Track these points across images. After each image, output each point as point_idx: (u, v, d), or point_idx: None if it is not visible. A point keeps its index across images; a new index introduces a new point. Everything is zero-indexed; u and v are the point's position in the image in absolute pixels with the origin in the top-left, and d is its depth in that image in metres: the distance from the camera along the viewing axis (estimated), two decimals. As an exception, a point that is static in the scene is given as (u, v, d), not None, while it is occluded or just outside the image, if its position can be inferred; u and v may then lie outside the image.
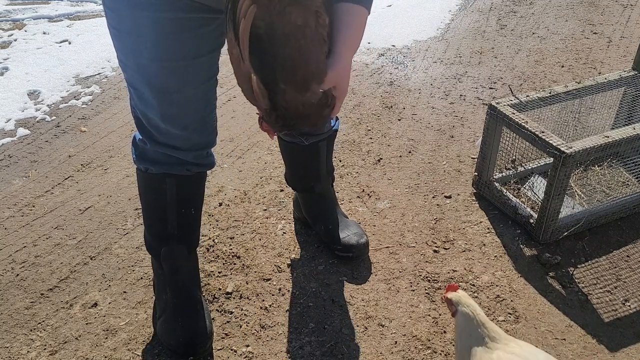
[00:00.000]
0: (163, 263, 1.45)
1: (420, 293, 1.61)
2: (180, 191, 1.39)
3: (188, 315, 1.43)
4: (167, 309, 1.45)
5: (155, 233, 1.45)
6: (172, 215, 1.42)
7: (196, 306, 1.45)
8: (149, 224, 1.46)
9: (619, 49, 2.97)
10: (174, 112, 1.25)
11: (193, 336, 1.41)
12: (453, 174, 2.08)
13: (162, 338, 1.45)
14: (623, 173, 2.00)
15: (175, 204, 1.41)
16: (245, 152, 2.19)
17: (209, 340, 1.44)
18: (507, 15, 3.40)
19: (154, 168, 1.36)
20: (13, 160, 2.15)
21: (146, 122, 1.30)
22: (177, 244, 1.44)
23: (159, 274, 1.48)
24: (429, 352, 1.45)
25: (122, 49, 1.20)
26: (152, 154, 1.35)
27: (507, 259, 1.72)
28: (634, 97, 1.98)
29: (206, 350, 1.43)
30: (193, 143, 1.34)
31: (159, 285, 1.49)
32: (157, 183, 1.38)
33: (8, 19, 3.25)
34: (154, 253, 1.47)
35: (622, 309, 1.58)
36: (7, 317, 1.54)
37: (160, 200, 1.40)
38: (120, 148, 2.21)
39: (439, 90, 2.62)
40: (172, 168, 1.36)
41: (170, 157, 1.34)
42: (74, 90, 2.61)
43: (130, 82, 1.25)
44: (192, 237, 1.49)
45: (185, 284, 1.46)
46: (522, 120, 1.73)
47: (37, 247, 1.76)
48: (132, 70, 1.22)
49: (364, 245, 1.68)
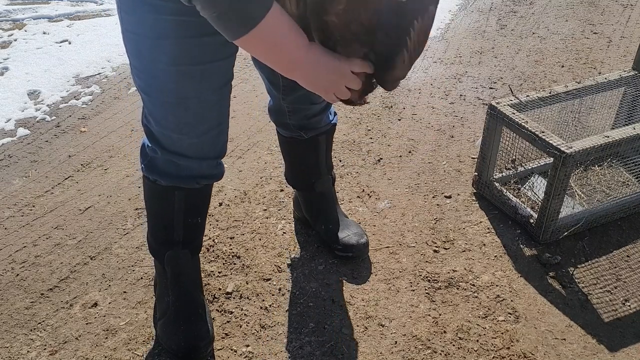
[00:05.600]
0: (167, 267, 1.44)
1: (420, 293, 1.61)
2: (188, 203, 1.38)
3: (190, 318, 1.42)
4: (168, 311, 1.44)
5: (160, 239, 1.44)
6: (179, 225, 1.40)
7: (198, 310, 1.44)
8: (154, 229, 1.45)
9: (619, 49, 2.97)
10: (189, 119, 1.22)
11: (195, 340, 1.40)
12: (453, 174, 2.08)
13: (162, 340, 1.44)
14: (623, 173, 2.00)
15: (182, 215, 1.39)
16: (245, 152, 2.19)
17: (210, 345, 1.43)
18: (507, 15, 3.40)
19: (163, 180, 1.33)
20: (13, 160, 2.15)
21: (158, 130, 1.26)
22: (182, 248, 1.44)
23: (161, 276, 1.48)
24: (429, 352, 1.45)
25: (138, 54, 1.16)
26: (162, 164, 1.31)
27: (507, 259, 1.72)
28: (634, 97, 1.98)
29: (207, 353, 1.43)
30: (205, 152, 1.31)
31: (162, 287, 1.48)
32: (165, 195, 1.36)
33: (8, 19, 3.25)
34: (158, 256, 1.46)
35: (622, 309, 1.58)
36: (7, 317, 1.54)
37: (167, 211, 1.38)
38: (120, 148, 2.22)
39: (439, 90, 2.62)
40: (182, 181, 1.33)
41: (180, 168, 1.31)
42: (74, 90, 2.61)
43: (143, 89, 1.21)
44: (196, 242, 1.48)
45: (188, 288, 1.46)
46: (522, 120, 1.73)
47: (37, 247, 1.76)
48: (148, 75, 1.18)
49: (363, 245, 1.68)
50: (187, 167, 1.31)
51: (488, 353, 1.45)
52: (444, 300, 1.59)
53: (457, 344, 1.47)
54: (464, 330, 1.50)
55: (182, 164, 1.30)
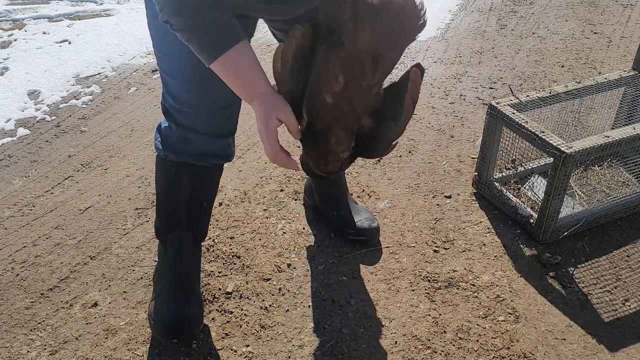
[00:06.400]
0: (169, 247, 1.50)
1: (420, 293, 1.61)
2: (194, 182, 1.45)
3: (181, 300, 1.47)
4: (162, 292, 1.49)
5: (165, 219, 1.51)
6: (184, 204, 1.47)
7: (191, 295, 1.49)
8: (161, 209, 1.52)
9: (619, 49, 2.97)
10: (203, 98, 1.31)
11: (181, 321, 1.44)
12: (453, 174, 2.08)
13: (150, 317, 1.49)
14: (623, 173, 2.00)
15: (187, 193, 1.46)
16: (245, 152, 2.19)
17: (195, 328, 1.46)
18: (507, 15, 3.40)
19: (174, 156, 1.41)
20: (13, 160, 2.15)
21: (175, 106, 1.35)
22: (185, 231, 1.49)
23: (162, 258, 1.53)
24: (429, 352, 1.45)
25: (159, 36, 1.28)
26: (175, 140, 1.39)
27: (507, 259, 1.72)
28: (634, 97, 1.98)
29: (191, 335, 1.46)
30: (215, 129, 1.38)
31: (161, 269, 1.53)
32: (174, 171, 1.44)
33: (8, 19, 3.25)
34: (161, 238, 1.52)
35: (622, 309, 1.58)
36: (7, 317, 1.54)
37: (174, 188, 1.46)
38: (120, 148, 2.22)
39: (439, 90, 2.62)
40: (191, 157, 1.41)
41: (191, 144, 1.38)
42: (74, 90, 2.61)
43: (163, 69, 1.32)
44: (200, 227, 1.54)
45: (186, 273, 1.51)
46: (522, 120, 1.73)
47: (37, 247, 1.76)
48: (167, 56, 1.29)
49: (375, 229, 1.75)
50: (198, 144, 1.38)
51: (488, 353, 1.45)
52: (444, 300, 1.59)
53: (457, 344, 1.47)
54: (464, 330, 1.50)
55: (193, 140, 1.37)
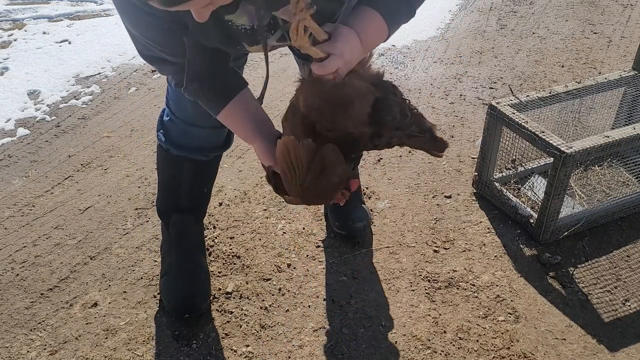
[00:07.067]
0: (171, 229, 1.55)
1: (420, 293, 1.61)
2: (195, 174, 1.51)
3: (190, 276, 1.52)
4: (170, 270, 1.54)
5: (167, 203, 1.56)
6: (185, 193, 1.53)
7: (197, 270, 1.54)
8: (162, 194, 1.56)
9: (619, 49, 2.97)
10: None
11: (192, 297, 1.50)
12: (453, 174, 2.08)
13: (162, 296, 1.55)
14: (623, 173, 2.00)
15: (189, 185, 1.52)
16: (245, 152, 2.19)
17: (205, 301, 1.53)
18: (507, 15, 3.40)
19: (175, 150, 1.45)
20: (13, 160, 2.15)
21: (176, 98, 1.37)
22: (187, 214, 1.55)
23: (166, 238, 1.58)
24: (429, 352, 1.45)
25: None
26: (176, 134, 1.43)
27: (507, 259, 1.72)
28: (634, 97, 1.98)
29: (202, 311, 1.52)
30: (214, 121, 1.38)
31: (165, 248, 1.59)
32: (175, 164, 1.49)
33: (8, 19, 3.25)
34: (164, 218, 1.58)
35: (622, 309, 1.58)
36: (7, 317, 1.54)
37: (176, 179, 1.51)
38: (120, 148, 2.22)
39: (439, 90, 2.62)
40: (191, 153, 1.45)
41: (191, 138, 1.41)
42: (74, 90, 2.61)
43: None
44: (201, 209, 1.60)
45: (190, 250, 1.56)
46: (522, 120, 1.73)
47: (37, 247, 1.76)
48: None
49: (358, 229, 1.74)
50: (198, 137, 1.42)
51: (488, 353, 1.45)
52: (444, 300, 1.59)
53: (457, 344, 1.47)
54: (464, 330, 1.50)
55: (193, 133, 1.41)
